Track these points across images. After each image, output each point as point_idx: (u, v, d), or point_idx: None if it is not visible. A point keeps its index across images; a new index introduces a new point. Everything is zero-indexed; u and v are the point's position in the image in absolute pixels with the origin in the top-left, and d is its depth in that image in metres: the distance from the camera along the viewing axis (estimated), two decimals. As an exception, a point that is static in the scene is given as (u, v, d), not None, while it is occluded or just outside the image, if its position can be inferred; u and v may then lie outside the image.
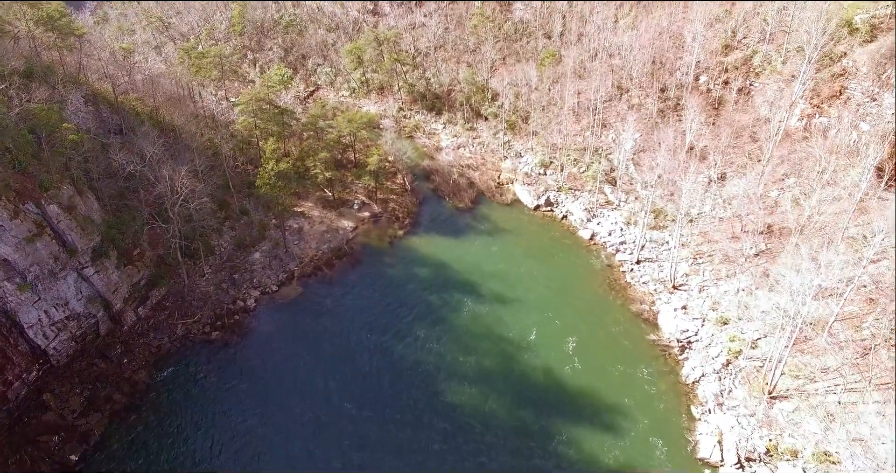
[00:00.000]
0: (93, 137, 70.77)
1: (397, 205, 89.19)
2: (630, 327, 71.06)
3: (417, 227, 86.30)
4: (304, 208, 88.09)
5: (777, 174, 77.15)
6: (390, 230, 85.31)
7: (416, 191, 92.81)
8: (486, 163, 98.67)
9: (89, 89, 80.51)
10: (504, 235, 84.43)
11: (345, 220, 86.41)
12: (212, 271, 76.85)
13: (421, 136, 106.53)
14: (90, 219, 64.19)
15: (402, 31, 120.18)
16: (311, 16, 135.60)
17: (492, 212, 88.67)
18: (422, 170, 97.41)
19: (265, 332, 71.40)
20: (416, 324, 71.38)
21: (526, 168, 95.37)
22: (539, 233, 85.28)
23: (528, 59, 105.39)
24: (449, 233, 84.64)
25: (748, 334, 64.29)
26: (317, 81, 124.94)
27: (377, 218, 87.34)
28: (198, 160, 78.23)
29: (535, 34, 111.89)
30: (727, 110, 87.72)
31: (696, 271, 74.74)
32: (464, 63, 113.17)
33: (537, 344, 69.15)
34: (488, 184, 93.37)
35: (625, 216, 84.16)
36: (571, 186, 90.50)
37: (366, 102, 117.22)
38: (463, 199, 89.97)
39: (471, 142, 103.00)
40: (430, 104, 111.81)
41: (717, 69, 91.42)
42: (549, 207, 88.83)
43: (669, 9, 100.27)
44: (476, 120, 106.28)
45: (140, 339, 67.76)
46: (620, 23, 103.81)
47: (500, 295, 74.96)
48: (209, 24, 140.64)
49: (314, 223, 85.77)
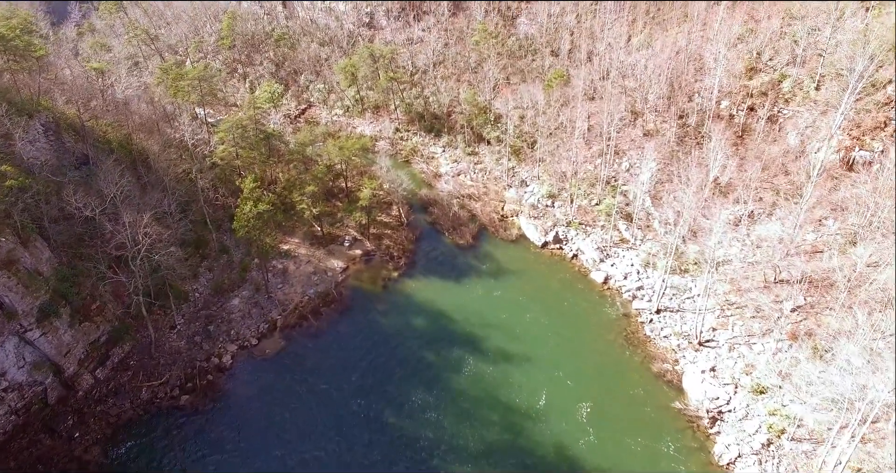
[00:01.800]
0: (46, 175, 60.60)
1: (392, 241, 79.13)
2: (651, 390, 61.14)
3: (414, 268, 76.23)
4: (291, 245, 78.04)
5: (814, 215, 67.22)
6: (384, 271, 75.26)
7: (412, 225, 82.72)
8: (489, 192, 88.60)
9: (51, 115, 70.36)
10: (509, 278, 74.40)
11: (334, 260, 76.36)
12: (184, 321, 66.79)
13: (419, 161, 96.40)
14: (36, 273, 54.13)
15: (398, 47, 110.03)
16: (304, 29, 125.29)
17: (495, 250, 78.60)
18: (419, 201, 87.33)
19: (242, 396, 61.41)
20: (413, 387, 61.43)
21: (532, 199, 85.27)
22: (547, 275, 75.23)
23: (533, 79, 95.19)
24: (448, 275, 74.58)
25: (791, 408, 54.39)
26: (309, 98, 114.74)
27: (370, 256, 77.31)
28: (170, 197, 68.31)
29: (541, 52, 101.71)
30: (753, 140, 77.72)
31: (725, 325, 64.78)
32: (465, 82, 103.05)
33: (547, 412, 59.24)
34: (491, 218, 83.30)
35: (642, 257, 74.14)
36: (582, 221, 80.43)
37: (360, 122, 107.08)
38: (464, 235, 79.92)
39: (472, 168, 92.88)
40: (428, 125, 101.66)
41: (740, 94, 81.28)
42: (558, 245, 78.74)
43: (687, 26, 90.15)
44: (478, 143, 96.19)
45: (97, 407, 57.69)
46: (634, 41, 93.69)
47: (504, 350, 65.02)
48: (198, 36, 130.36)
49: (300, 263, 75.70)
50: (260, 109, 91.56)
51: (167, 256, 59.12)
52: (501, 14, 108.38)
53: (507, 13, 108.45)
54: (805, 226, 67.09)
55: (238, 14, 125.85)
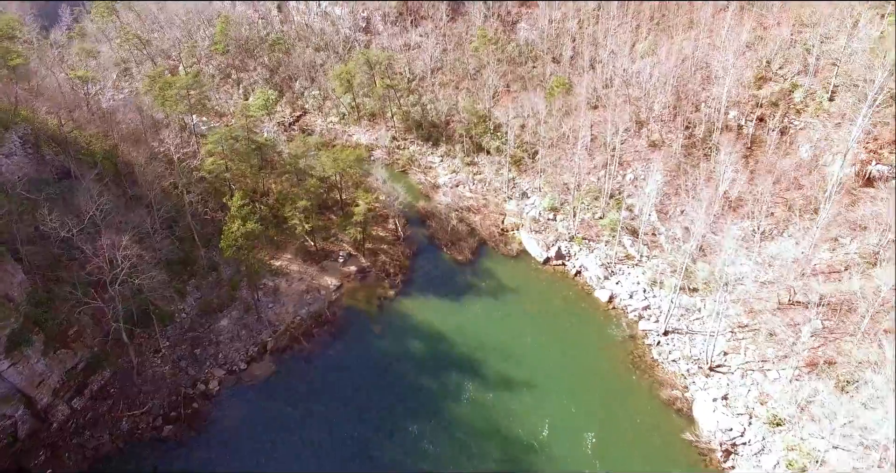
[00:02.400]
0: (20, 193, 56.60)
1: (388, 257, 75.24)
2: (660, 419, 57.38)
3: (410, 286, 72.36)
4: (283, 261, 74.13)
5: (830, 233, 63.50)
6: (379, 289, 71.40)
7: (409, 240, 78.84)
8: (489, 204, 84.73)
9: (30, 127, 66.41)
10: (510, 297, 70.58)
11: (328, 277, 72.47)
12: (169, 345, 62.86)
13: (416, 171, 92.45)
14: (6, 299, 50.19)
15: (395, 53, 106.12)
16: (299, 33, 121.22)
17: (496, 267, 74.75)
18: (417, 213, 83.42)
19: (229, 425, 57.46)
20: (409, 415, 57.60)
21: (533, 212, 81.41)
22: (549, 294, 71.41)
23: (535, 88, 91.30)
24: (447, 294, 70.69)
25: (812, 443, 50.67)
26: (304, 105, 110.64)
27: (365, 273, 73.39)
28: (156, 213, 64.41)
29: (542, 58, 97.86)
30: (764, 152, 73.96)
31: (736, 348, 61.04)
32: (463, 89, 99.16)
33: (550, 442, 55.49)
34: (491, 231, 79.45)
35: (648, 275, 70.33)
36: (585, 236, 76.61)
37: (356, 130, 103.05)
38: (462, 250, 76.08)
39: (471, 179, 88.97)
40: (426, 133, 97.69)
41: (749, 104, 77.52)
42: (561, 261, 74.92)
43: (693, 32, 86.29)
44: (477, 153, 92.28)
45: (73, 439, 53.72)
46: (638, 48, 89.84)
47: (505, 375, 61.22)
48: (191, 40, 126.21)
49: (292, 281, 71.80)
50: (252, 118, 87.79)
51: (149, 279, 55.06)
52: (501, 19, 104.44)
53: (507, 18, 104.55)
54: (821, 245, 63.42)
55: (232, 18, 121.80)
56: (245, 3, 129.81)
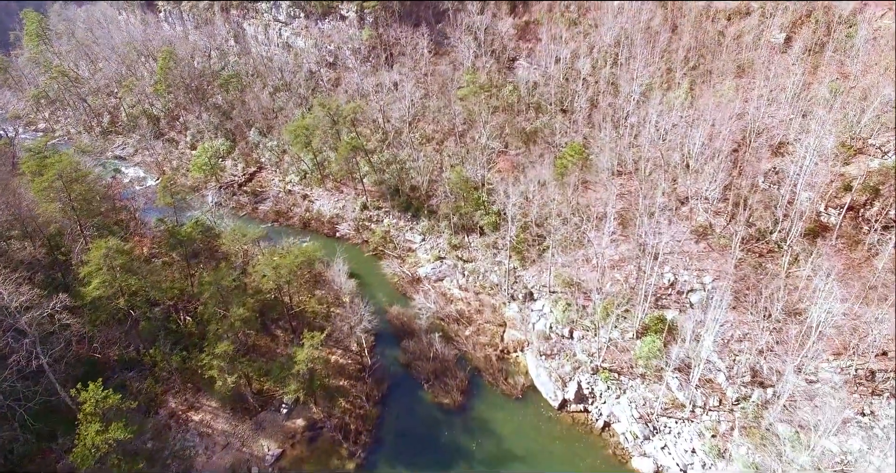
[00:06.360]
0: None
1: (349, 403, 51.76)
2: None
3: (378, 450, 48.92)
4: (205, 413, 50.78)
5: None
6: (335, 459, 48.13)
7: (378, 371, 55.26)
8: (484, 308, 61.28)
9: None
10: (514, 466, 47.42)
11: (264, 440, 49.07)
12: None
13: (391, 255, 68.84)
14: None
15: (367, 97, 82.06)
16: (257, 69, 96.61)
17: (495, 415, 51.41)
18: (390, 325, 59.98)
19: None
20: None
21: (542, 324, 58.08)
22: (568, 460, 48.14)
23: (541, 155, 67.38)
24: (427, 465, 47.48)
25: None
26: (259, 159, 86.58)
27: (316, 431, 49.97)
28: None
29: (545, 108, 73.99)
30: (859, 256, 50.89)
31: None
32: (447, 148, 75.17)
33: None
34: (487, 356, 56.07)
35: (708, 438, 47.37)
36: (613, 366, 53.51)
37: (318, 193, 79.12)
38: (450, 389, 52.68)
39: (460, 269, 65.53)
40: (404, 201, 73.90)
41: (832, 185, 54.23)
42: (582, 405, 51.68)
43: (745, 81, 62.65)
44: (468, 233, 68.73)
45: None
46: (669, 97, 65.86)
47: None
48: (132, 75, 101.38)
49: (214, 444, 48.38)
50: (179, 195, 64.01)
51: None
52: (495, 56, 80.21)
53: (503, 54, 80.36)
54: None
55: (180, 51, 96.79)
56: (199, 32, 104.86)
